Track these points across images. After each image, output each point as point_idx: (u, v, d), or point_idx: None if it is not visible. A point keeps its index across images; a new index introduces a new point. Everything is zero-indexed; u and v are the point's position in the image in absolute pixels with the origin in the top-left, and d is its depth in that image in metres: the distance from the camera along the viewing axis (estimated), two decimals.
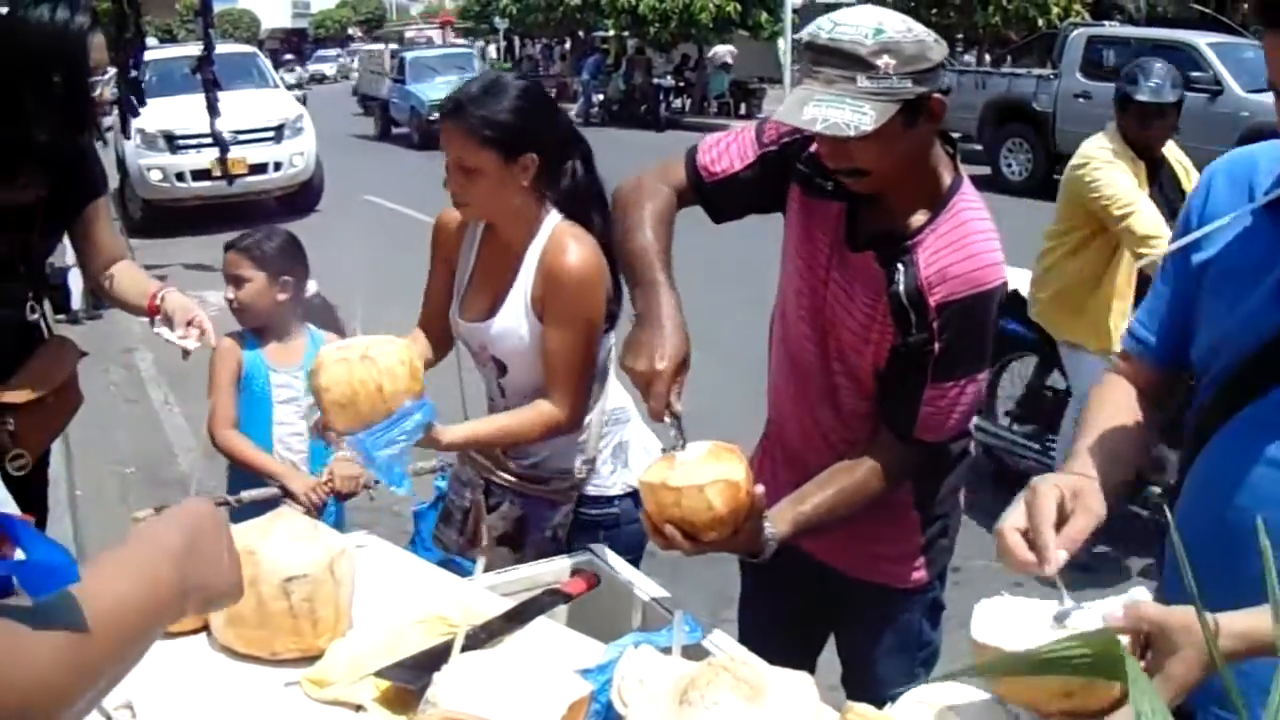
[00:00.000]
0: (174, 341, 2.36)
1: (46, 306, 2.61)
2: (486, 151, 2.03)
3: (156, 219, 11.43)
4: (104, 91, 2.49)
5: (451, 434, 2.04)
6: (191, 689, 1.48)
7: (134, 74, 8.79)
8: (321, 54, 50.94)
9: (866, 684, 1.96)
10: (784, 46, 21.52)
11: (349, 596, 1.61)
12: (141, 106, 9.36)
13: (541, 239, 2.13)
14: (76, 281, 6.98)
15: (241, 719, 1.46)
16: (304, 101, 19.33)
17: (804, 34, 1.70)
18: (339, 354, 1.85)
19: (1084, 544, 1.30)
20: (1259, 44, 1.23)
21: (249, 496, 2.73)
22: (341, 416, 1.84)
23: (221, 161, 10.44)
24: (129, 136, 11.00)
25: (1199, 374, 1.47)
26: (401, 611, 1.62)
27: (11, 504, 1.09)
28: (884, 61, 1.59)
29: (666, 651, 1.47)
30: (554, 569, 1.95)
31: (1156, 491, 3.87)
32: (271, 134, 12.00)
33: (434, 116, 2.18)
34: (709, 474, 1.53)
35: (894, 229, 1.76)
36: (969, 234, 1.74)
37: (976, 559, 3.33)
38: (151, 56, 12.55)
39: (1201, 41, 11.29)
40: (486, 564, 2.18)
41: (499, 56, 35.12)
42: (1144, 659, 1.13)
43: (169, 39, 31.20)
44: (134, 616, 0.85)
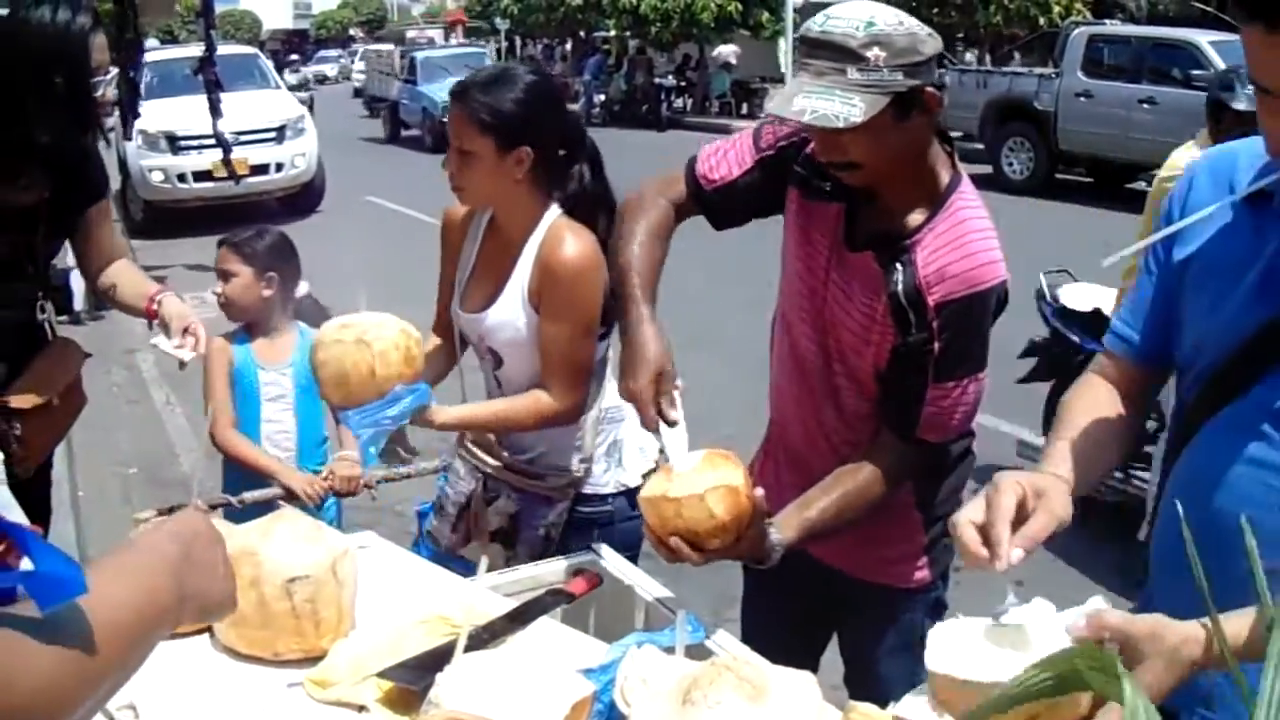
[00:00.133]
0: (169, 352, 2.40)
1: (49, 308, 2.61)
2: (484, 138, 2.06)
3: (158, 220, 11.44)
4: (106, 92, 2.50)
5: (445, 415, 2.10)
6: (194, 690, 1.48)
7: (132, 75, 8.79)
8: (323, 55, 50.90)
9: (869, 684, 1.95)
10: (784, 46, 21.49)
11: (352, 597, 1.61)
12: (138, 110, 9.36)
13: (540, 232, 2.15)
14: (78, 282, 6.97)
15: None
16: (311, 102, 19.16)
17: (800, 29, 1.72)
18: (338, 334, 1.92)
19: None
20: None
21: (251, 497, 2.74)
22: (335, 393, 1.94)
23: (226, 162, 10.45)
24: (130, 138, 11.01)
25: (1182, 372, 1.46)
26: (404, 612, 1.62)
27: (20, 514, 1.09)
28: (874, 53, 1.60)
29: (669, 651, 1.47)
30: (556, 569, 1.95)
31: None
32: (273, 135, 12.01)
33: (447, 118, 2.20)
34: (707, 481, 1.53)
35: (892, 229, 1.76)
36: (966, 233, 1.74)
37: None
38: (153, 57, 12.57)
39: (1203, 40, 11.24)
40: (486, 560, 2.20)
41: (500, 57, 35.09)
42: None
43: (170, 40, 31.13)
44: (133, 624, 0.85)
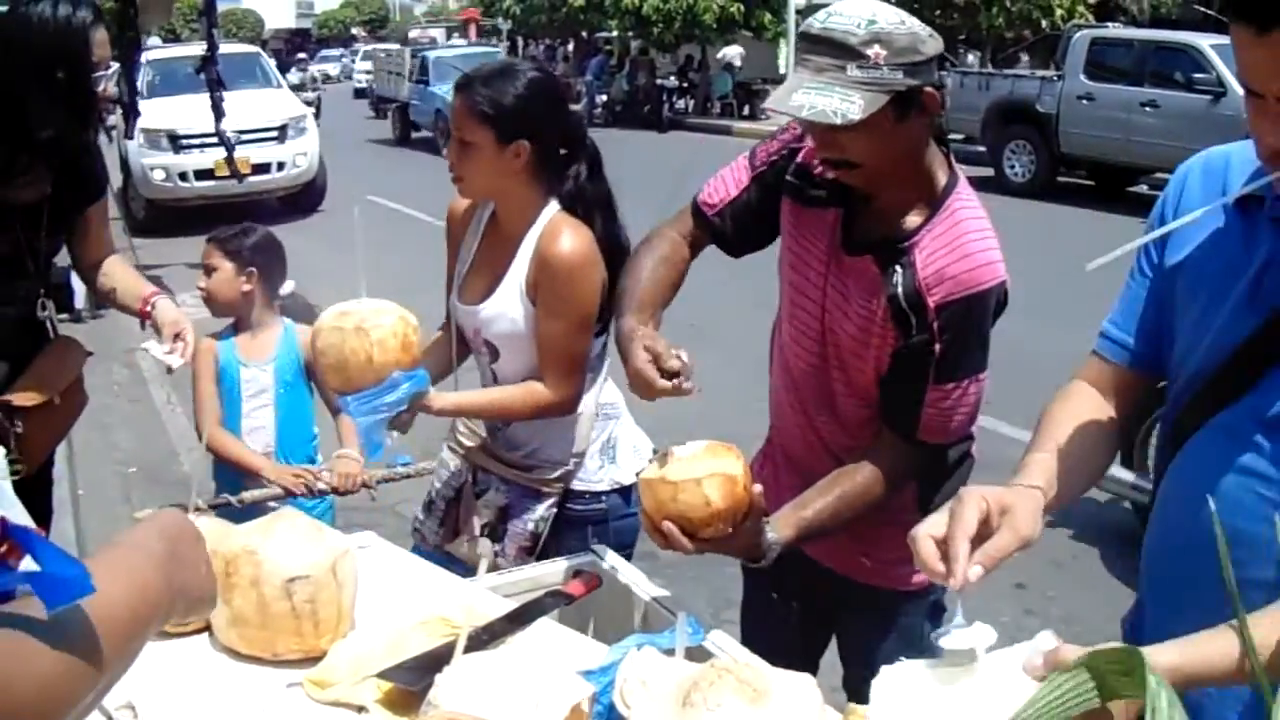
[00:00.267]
0: (159, 358, 2.44)
1: (50, 306, 2.62)
2: (484, 129, 2.09)
3: (159, 218, 11.43)
4: (107, 87, 2.50)
5: (442, 400, 2.13)
6: (193, 689, 1.48)
7: (130, 74, 8.79)
8: (325, 54, 50.88)
9: (869, 687, 1.95)
10: (785, 47, 21.49)
11: (351, 597, 1.61)
12: (138, 109, 9.36)
13: (538, 227, 2.16)
14: (79, 281, 6.98)
15: None
16: (318, 103, 18.90)
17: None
18: (337, 321, 1.96)
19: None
20: None
21: (251, 497, 2.74)
22: (334, 379, 2.00)
23: (230, 161, 10.46)
24: (131, 136, 11.01)
25: (1173, 379, 1.43)
26: (404, 613, 1.62)
27: (24, 515, 1.09)
28: (874, 51, 1.59)
29: (669, 653, 1.47)
30: (555, 570, 1.95)
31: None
32: (275, 134, 12.02)
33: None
34: (705, 468, 1.54)
35: (890, 231, 1.76)
36: (965, 234, 1.73)
37: None
38: (155, 56, 12.59)
39: (1205, 43, 11.24)
40: (479, 556, 2.21)
41: None
42: None
43: (172, 38, 31.14)
44: (128, 622, 0.85)
